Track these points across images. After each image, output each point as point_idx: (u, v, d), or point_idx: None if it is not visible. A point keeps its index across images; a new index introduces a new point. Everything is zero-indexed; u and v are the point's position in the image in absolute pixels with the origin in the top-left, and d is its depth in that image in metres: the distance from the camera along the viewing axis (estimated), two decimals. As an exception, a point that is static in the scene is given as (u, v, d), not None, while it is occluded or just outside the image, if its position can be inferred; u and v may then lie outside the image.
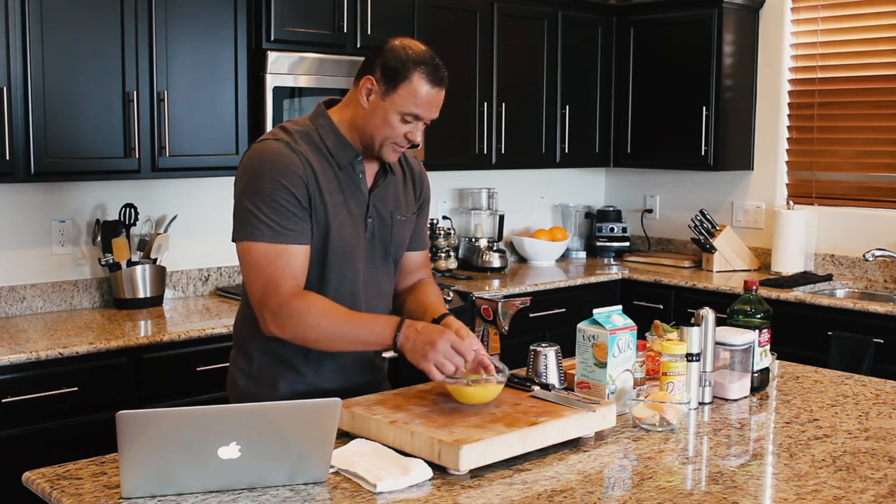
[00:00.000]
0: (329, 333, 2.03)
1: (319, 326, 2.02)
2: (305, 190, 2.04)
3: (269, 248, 2.01)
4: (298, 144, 2.07)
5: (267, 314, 2.03)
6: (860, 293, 4.19)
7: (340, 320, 2.03)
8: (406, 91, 2.06)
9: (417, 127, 2.11)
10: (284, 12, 3.53)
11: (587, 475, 1.83)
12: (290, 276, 2.02)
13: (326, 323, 2.02)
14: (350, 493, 1.71)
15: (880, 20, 4.32)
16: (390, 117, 2.07)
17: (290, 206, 2.02)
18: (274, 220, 2.01)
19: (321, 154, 2.10)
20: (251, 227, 2.02)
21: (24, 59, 3.02)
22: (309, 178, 2.05)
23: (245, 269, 2.06)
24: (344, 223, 2.11)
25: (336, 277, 2.13)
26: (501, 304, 2.32)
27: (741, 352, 2.39)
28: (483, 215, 4.68)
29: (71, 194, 3.51)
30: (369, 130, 2.09)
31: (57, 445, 2.84)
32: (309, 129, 2.12)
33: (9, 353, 2.79)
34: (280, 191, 2.01)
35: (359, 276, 2.16)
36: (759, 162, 4.76)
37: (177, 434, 1.62)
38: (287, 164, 2.03)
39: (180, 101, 3.35)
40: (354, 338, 2.05)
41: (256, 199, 2.02)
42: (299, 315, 2.01)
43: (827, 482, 1.81)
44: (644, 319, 2.45)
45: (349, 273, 2.14)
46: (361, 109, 2.10)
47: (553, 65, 4.68)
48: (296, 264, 2.03)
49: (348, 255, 2.13)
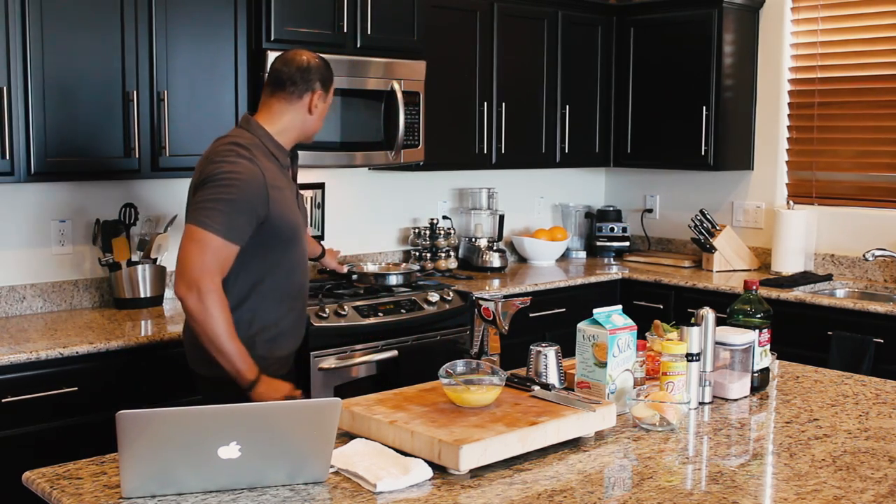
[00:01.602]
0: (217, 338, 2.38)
1: (216, 326, 2.37)
2: (266, 201, 2.44)
3: (221, 241, 2.38)
4: (258, 159, 2.48)
5: (193, 288, 2.37)
6: (860, 293, 4.19)
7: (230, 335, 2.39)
8: (331, 91, 2.64)
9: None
10: (284, 12, 3.53)
11: (587, 475, 1.83)
12: (222, 270, 2.41)
13: (220, 329, 2.38)
14: (350, 493, 1.71)
15: (880, 20, 4.32)
16: (325, 112, 2.64)
17: (247, 215, 2.41)
18: (231, 220, 2.39)
19: (270, 158, 2.54)
20: (210, 217, 2.38)
21: (24, 59, 3.02)
22: (269, 186, 2.46)
23: (190, 245, 2.39)
24: (292, 209, 2.58)
25: (294, 251, 2.58)
26: (501, 304, 2.32)
27: (741, 352, 2.39)
28: (483, 215, 4.68)
29: (71, 194, 3.51)
30: (311, 129, 2.63)
31: (57, 445, 2.84)
32: (255, 141, 2.53)
33: (9, 353, 2.79)
34: (244, 204, 2.40)
35: (303, 246, 2.66)
36: (759, 162, 4.76)
37: (177, 434, 1.62)
38: (253, 178, 2.43)
39: (180, 101, 3.35)
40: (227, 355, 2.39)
41: (225, 197, 2.39)
42: (211, 307, 2.36)
43: (827, 482, 1.81)
44: (644, 319, 2.45)
45: (300, 246, 2.62)
46: (308, 118, 2.60)
47: (553, 65, 4.68)
48: (228, 263, 2.43)
49: (297, 231, 2.60)
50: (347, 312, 3.47)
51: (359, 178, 4.37)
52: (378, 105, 3.84)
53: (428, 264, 4.33)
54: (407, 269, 3.98)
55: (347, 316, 3.46)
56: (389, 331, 3.55)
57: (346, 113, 3.75)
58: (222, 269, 2.42)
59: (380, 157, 3.88)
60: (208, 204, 2.39)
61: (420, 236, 4.43)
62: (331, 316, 3.42)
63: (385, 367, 3.51)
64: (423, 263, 4.32)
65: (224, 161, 2.44)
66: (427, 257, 4.37)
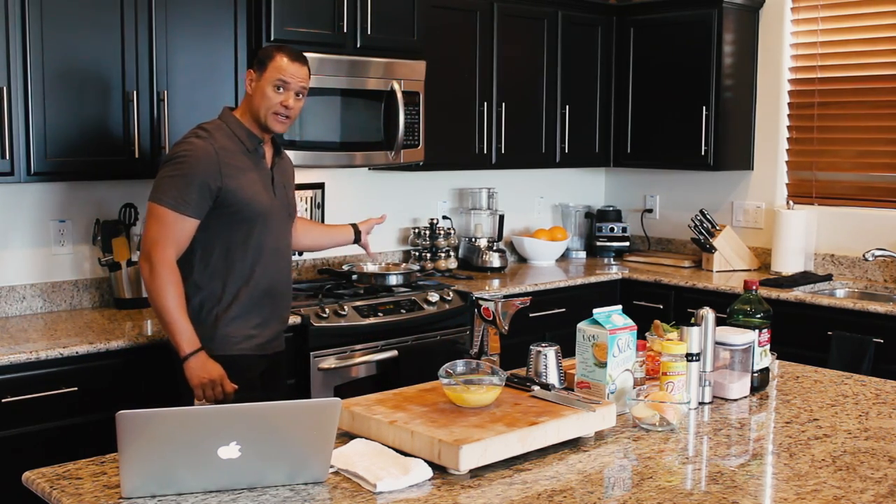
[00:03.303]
0: (164, 307, 2.57)
1: (163, 297, 2.57)
2: (218, 173, 2.61)
3: (171, 214, 2.58)
4: (215, 136, 2.68)
5: (146, 262, 2.59)
6: (860, 293, 4.19)
7: (176, 307, 2.58)
8: (272, 67, 2.71)
9: (288, 94, 2.71)
10: (284, 12, 3.53)
11: (587, 475, 1.83)
12: (173, 241, 2.59)
13: (167, 300, 2.57)
14: (350, 493, 1.71)
15: (880, 20, 4.32)
16: (266, 90, 2.70)
17: (198, 188, 2.59)
18: (182, 193, 2.58)
19: (234, 141, 2.71)
20: (164, 195, 2.59)
21: (24, 59, 3.02)
22: (222, 163, 2.63)
23: (148, 222, 2.62)
24: (258, 192, 2.71)
25: (259, 233, 2.72)
26: (501, 304, 2.32)
27: (741, 352, 2.39)
28: (483, 215, 4.68)
29: (71, 194, 3.51)
30: (255, 107, 2.72)
31: (57, 445, 2.84)
32: (221, 126, 2.73)
33: (9, 353, 2.79)
34: (193, 174, 2.59)
35: (273, 230, 2.77)
36: (759, 162, 4.76)
37: (177, 434, 1.62)
38: (204, 154, 2.62)
39: (180, 101, 3.35)
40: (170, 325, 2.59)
41: (177, 175, 2.59)
42: (158, 278, 2.57)
43: (827, 482, 1.81)
44: (644, 319, 2.45)
45: (269, 229, 2.75)
46: (248, 96, 2.75)
47: (553, 65, 4.68)
48: (183, 234, 2.61)
49: (265, 215, 2.73)
50: (347, 312, 3.47)
51: (359, 178, 4.37)
52: (378, 105, 3.84)
53: (428, 264, 4.33)
54: (407, 269, 3.99)
55: (347, 316, 3.46)
56: (389, 331, 3.55)
57: (346, 113, 3.75)
58: (177, 242, 2.60)
59: (380, 157, 3.88)
60: (162, 182, 2.62)
61: (420, 236, 4.43)
62: (331, 316, 3.42)
63: (385, 367, 3.51)
64: (423, 263, 4.32)
65: (179, 143, 2.69)
66: (427, 257, 4.37)
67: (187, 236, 2.63)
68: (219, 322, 2.70)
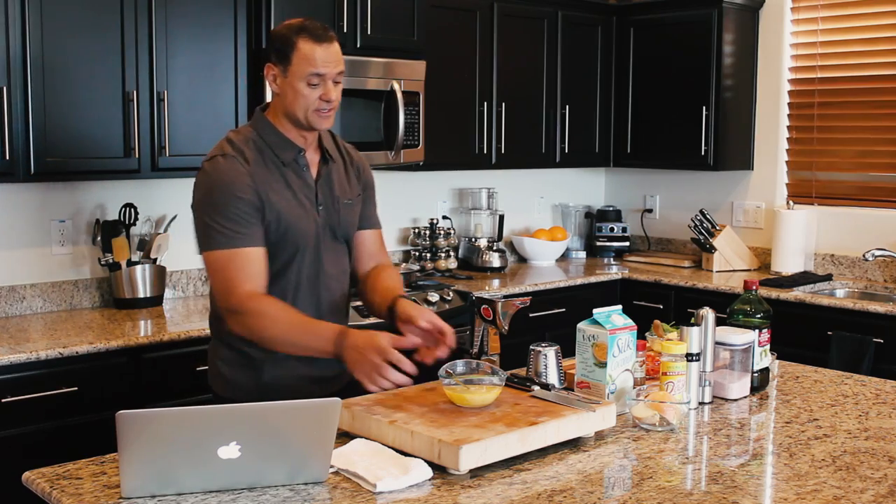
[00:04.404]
0: (281, 338, 2.16)
1: (271, 329, 2.15)
2: (257, 196, 2.19)
3: (224, 252, 2.17)
4: (245, 153, 2.22)
5: (228, 314, 2.19)
6: (860, 293, 4.19)
7: (290, 326, 2.16)
8: (298, 58, 2.20)
9: (326, 86, 2.22)
10: (284, 12, 3.53)
11: (587, 475, 1.83)
12: (245, 277, 2.16)
13: (278, 328, 2.15)
14: (350, 493, 1.71)
15: (880, 20, 4.32)
16: (298, 87, 2.21)
17: (242, 213, 2.17)
18: (227, 228, 2.16)
19: (266, 156, 2.25)
20: (208, 238, 2.18)
21: (24, 59, 3.02)
22: (258, 184, 2.20)
23: (209, 275, 2.23)
24: (299, 216, 2.26)
25: (298, 264, 2.28)
26: (501, 304, 2.32)
27: (741, 352, 2.39)
28: (483, 215, 4.68)
29: (71, 194, 3.51)
30: (290, 108, 2.23)
31: (57, 445, 2.84)
32: (251, 135, 2.27)
33: (9, 353, 2.79)
34: (232, 202, 2.17)
35: (318, 260, 2.32)
36: (759, 162, 4.76)
37: (177, 434, 1.62)
38: (236, 178, 2.18)
39: (180, 101, 3.35)
40: (301, 346, 2.17)
41: (211, 210, 2.18)
42: (254, 317, 2.15)
43: (827, 482, 1.81)
44: (644, 319, 2.45)
45: (309, 259, 2.30)
46: (276, 97, 2.27)
47: (553, 65, 4.68)
48: (251, 267, 2.18)
49: (307, 243, 2.28)
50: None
51: (359, 178, 4.37)
52: (378, 105, 3.84)
53: (428, 264, 4.33)
54: (407, 269, 3.99)
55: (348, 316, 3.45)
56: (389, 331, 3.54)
57: (346, 113, 3.75)
58: (249, 277, 2.16)
59: (380, 157, 3.88)
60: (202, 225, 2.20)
61: (420, 236, 4.43)
62: (331, 316, 3.41)
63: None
64: (423, 263, 4.32)
65: (206, 173, 2.22)
66: (427, 257, 4.37)
67: (254, 266, 2.18)
68: (265, 364, 2.28)
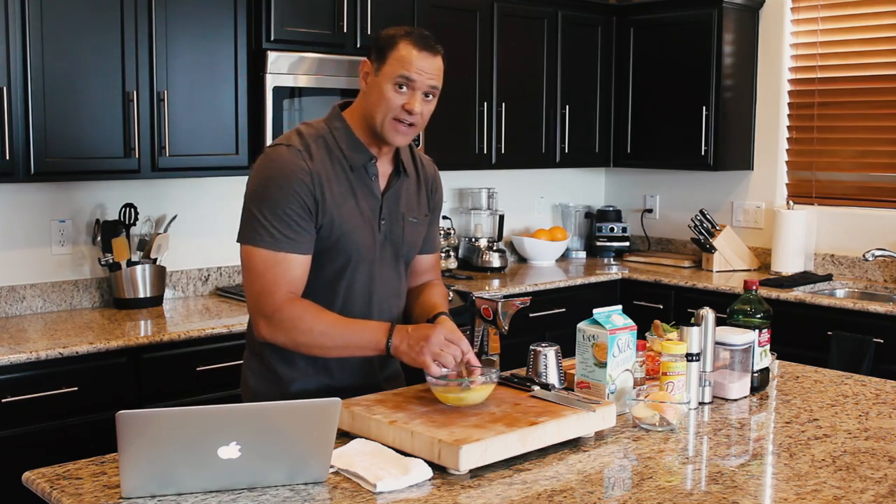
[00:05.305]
0: (321, 339, 2.07)
1: (312, 332, 2.06)
2: (312, 198, 2.07)
3: (269, 254, 2.05)
4: (311, 149, 2.10)
5: (260, 319, 2.08)
6: (860, 293, 4.19)
7: (332, 326, 2.07)
8: (394, 58, 2.10)
9: (414, 96, 2.12)
10: (284, 12, 3.53)
11: (587, 475, 1.83)
12: (285, 283, 2.06)
13: (318, 328, 2.06)
14: (350, 493, 1.71)
15: (880, 20, 4.32)
16: (385, 88, 2.10)
17: (294, 215, 2.06)
18: (276, 228, 2.05)
19: (334, 157, 2.13)
20: (254, 232, 2.06)
21: (24, 59, 3.02)
22: (316, 185, 2.08)
23: (244, 272, 2.11)
24: (357, 225, 2.14)
25: (349, 278, 2.17)
26: (501, 304, 2.32)
27: (741, 352, 2.39)
28: (483, 215, 4.68)
29: (71, 194, 3.51)
30: (370, 110, 2.12)
31: (57, 445, 2.84)
32: (324, 131, 2.15)
33: (9, 353, 2.79)
34: (286, 199, 2.05)
35: (372, 276, 2.20)
36: (759, 162, 4.76)
37: (177, 434, 1.62)
38: (295, 173, 2.06)
39: (180, 101, 3.35)
40: (347, 343, 2.09)
41: (262, 205, 2.06)
42: (292, 321, 2.05)
43: (827, 482, 1.81)
44: (644, 319, 2.45)
45: (362, 274, 2.18)
46: (363, 94, 2.16)
47: (553, 65, 4.68)
48: (293, 273, 2.07)
49: (361, 256, 2.16)
50: (347, 312, 3.46)
51: (359, 178, 4.37)
52: (378, 105, 3.83)
53: (428, 264, 4.32)
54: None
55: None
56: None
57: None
58: (289, 283, 2.06)
59: (380, 157, 3.88)
60: (249, 216, 2.08)
61: (420, 236, 4.43)
62: (331, 316, 3.41)
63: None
64: (423, 263, 4.31)
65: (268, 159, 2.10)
66: (427, 257, 4.36)
67: (300, 276, 2.09)
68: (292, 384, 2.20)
